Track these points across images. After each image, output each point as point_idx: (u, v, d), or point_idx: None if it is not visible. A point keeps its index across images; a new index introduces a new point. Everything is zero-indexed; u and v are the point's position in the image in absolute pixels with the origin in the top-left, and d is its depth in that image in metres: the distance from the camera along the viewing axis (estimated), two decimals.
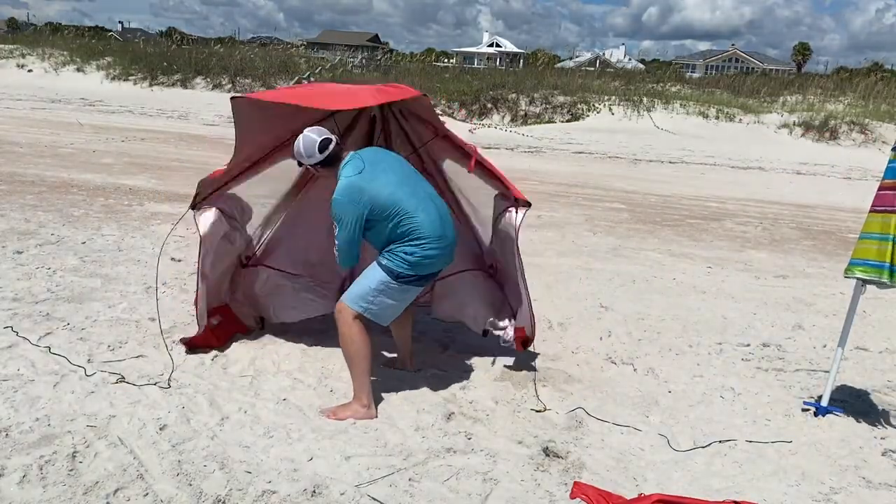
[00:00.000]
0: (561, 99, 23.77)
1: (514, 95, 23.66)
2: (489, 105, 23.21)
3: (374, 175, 3.27)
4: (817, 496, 2.96)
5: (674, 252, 7.32)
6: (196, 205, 3.79)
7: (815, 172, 16.43)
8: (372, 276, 3.34)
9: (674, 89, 26.25)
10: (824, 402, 3.70)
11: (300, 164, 3.40)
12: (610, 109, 23.20)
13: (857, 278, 3.50)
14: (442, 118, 23.69)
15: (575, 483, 2.91)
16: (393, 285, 3.31)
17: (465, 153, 3.79)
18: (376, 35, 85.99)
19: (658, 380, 4.07)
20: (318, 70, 27.77)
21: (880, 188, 3.46)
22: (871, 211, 3.48)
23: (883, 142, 20.49)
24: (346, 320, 3.35)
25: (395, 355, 4.00)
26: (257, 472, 2.84)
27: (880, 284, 3.45)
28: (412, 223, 3.25)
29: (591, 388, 3.88)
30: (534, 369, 4.05)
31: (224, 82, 26.60)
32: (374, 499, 2.72)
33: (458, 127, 21.06)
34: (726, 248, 7.70)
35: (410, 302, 3.51)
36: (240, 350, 4.02)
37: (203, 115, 20.45)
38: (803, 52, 70.62)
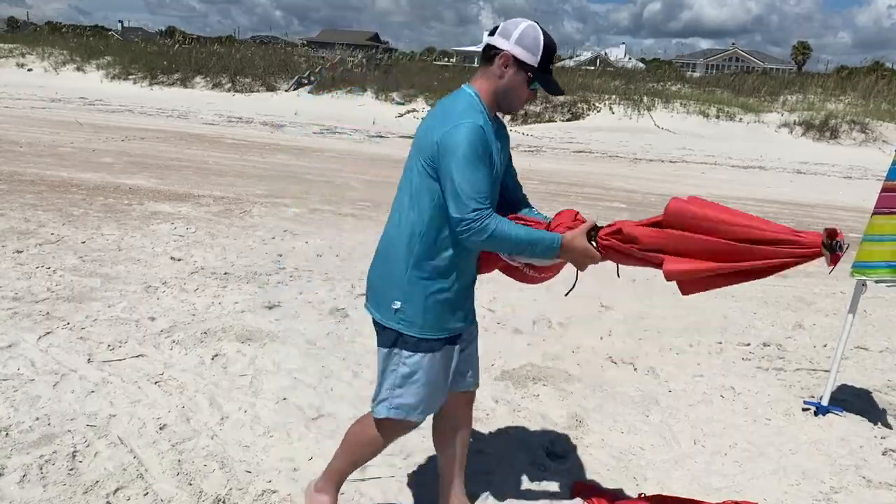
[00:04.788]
0: (561, 98, 23.76)
1: None
2: None
3: None
4: (817, 495, 2.96)
5: None
6: None
7: (816, 172, 16.43)
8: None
9: (674, 88, 26.27)
10: (824, 402, 3.69)
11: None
12: (610, 108, 23.20)
13: (881, 281, 3.49)
14: None
15: (575, 483, 2.92)
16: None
17: None
18: (376, 34, 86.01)
19: (658, 379, 4.07)
20: (318, 69, 27.81)
21: (884, 189, 3.43)
22: (875, 213, 3.45)
23: (884, 141, 20.50)
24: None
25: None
26: (257, 471, 2.84)
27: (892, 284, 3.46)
28: None
29: (591, 388, 3.88)
30: (534, 369, 4.04)
31: (224, 81, 26.63)
32: (375, 498, 2.72)
33: None
34: None
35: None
36: (240, 350, 4.02)
37: (203, 115, 20.45)
38: (803, 50, 70.59)
